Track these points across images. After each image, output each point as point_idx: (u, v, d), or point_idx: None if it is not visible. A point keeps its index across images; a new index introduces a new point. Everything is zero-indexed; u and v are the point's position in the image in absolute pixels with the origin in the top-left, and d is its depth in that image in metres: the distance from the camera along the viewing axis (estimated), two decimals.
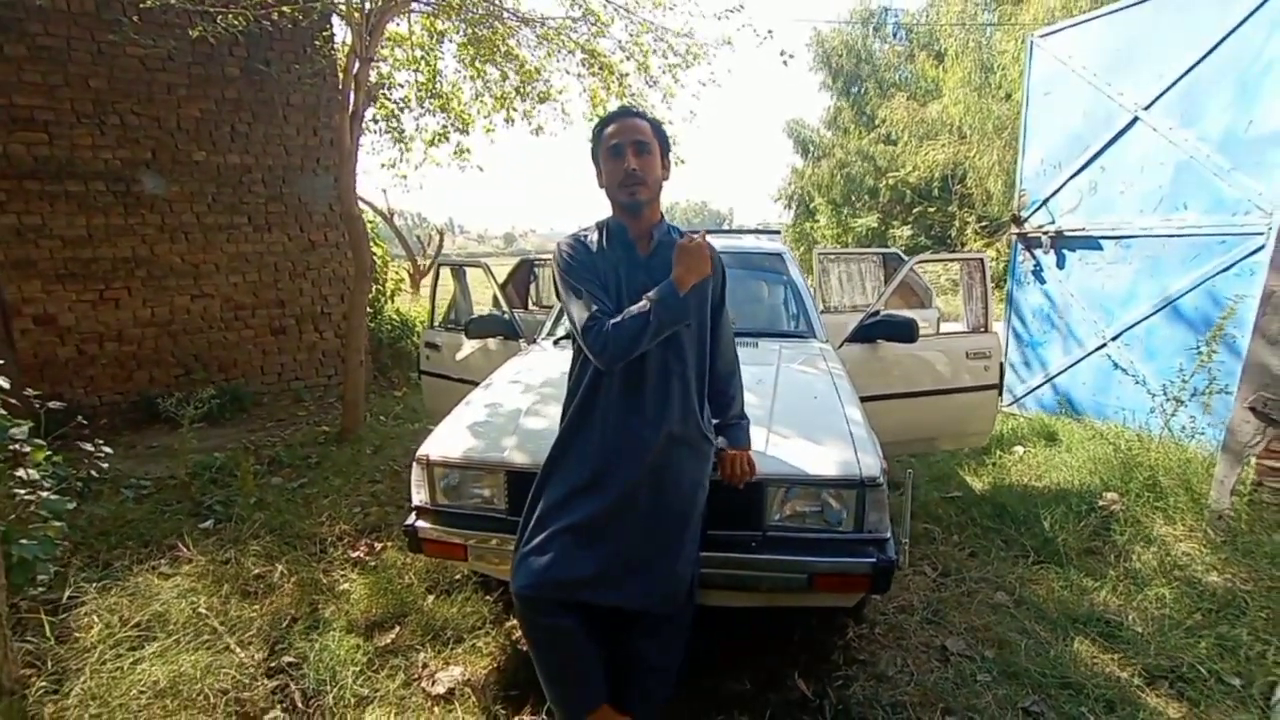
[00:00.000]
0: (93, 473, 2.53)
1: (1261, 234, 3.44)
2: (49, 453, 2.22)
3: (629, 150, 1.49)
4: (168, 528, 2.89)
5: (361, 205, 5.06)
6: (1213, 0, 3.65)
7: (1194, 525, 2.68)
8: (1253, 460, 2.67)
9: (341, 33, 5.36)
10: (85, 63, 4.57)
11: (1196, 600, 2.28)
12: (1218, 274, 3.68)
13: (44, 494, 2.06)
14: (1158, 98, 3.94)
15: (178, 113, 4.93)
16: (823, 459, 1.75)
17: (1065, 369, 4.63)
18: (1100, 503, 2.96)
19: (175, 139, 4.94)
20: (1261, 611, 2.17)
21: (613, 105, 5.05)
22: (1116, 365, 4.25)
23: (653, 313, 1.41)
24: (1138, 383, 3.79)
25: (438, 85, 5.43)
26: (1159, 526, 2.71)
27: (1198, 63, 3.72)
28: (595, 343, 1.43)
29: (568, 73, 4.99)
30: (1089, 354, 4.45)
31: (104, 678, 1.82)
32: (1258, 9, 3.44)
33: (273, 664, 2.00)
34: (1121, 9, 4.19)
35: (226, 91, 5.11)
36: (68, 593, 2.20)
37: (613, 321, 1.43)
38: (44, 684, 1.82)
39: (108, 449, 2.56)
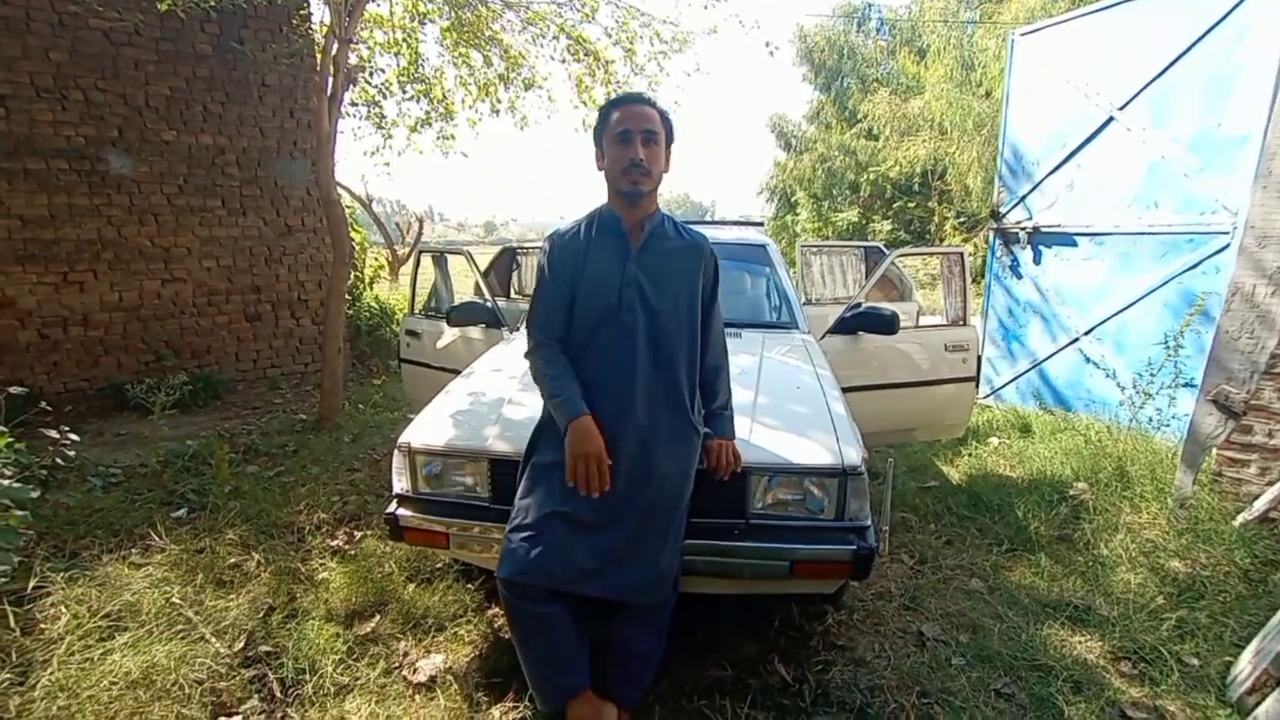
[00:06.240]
0: (58, 460, 2.45)
1: (1227, 233, 3.55)
2: (10, 439, 2.15)
3: (637, 139, 1.49)
4: (138, 517, 2.81)
5: (339, 191, 4.95)
6: (1186, 6, 3.74)
7: (1158, 513, 2.77)
8: (1214, 451, 2.77)
9: (319, 12, 5.22)
10: (45, 34, 4.37)
11: (1160, 585, 2.36)
12: (1185, 271, 3.79)
13: (5, 482, 2.00)
14: (1132, 98, 4.03)
15: (145, 90, 4.75)
16: (805, 448, 1.77)
17: (1040, 362, 4.74)
18: (1071, 492, 3.05)
19: (144, 117, 4.77)
20: (1219, 595, 2.26)
21: (599, 93, 5.00)
22: (1088, 359, 4.36)
23: (548, 403, 1.57)
24: (1108, 376, 3.90)
25: (420, 70, 5.31)
26: (1126, 515, 2.80)
27: (1171, 65, 3.81)
28: (528, 357, 1.62)
29: (552, 58, 4.92)
30: (1063, 347, 4.56)
31: (72, 669, 1.77)
32: (1226, 16, 3.53)
33: (249, 654, 1.97)
34: (1100, 10, 4.27)
35: (198, 69, 4.94)
36: (33, 583, 2.13)
37: (542, 359, 1.58)
38: (8, 676, 1.76)
39: (74, 436, 2.48)
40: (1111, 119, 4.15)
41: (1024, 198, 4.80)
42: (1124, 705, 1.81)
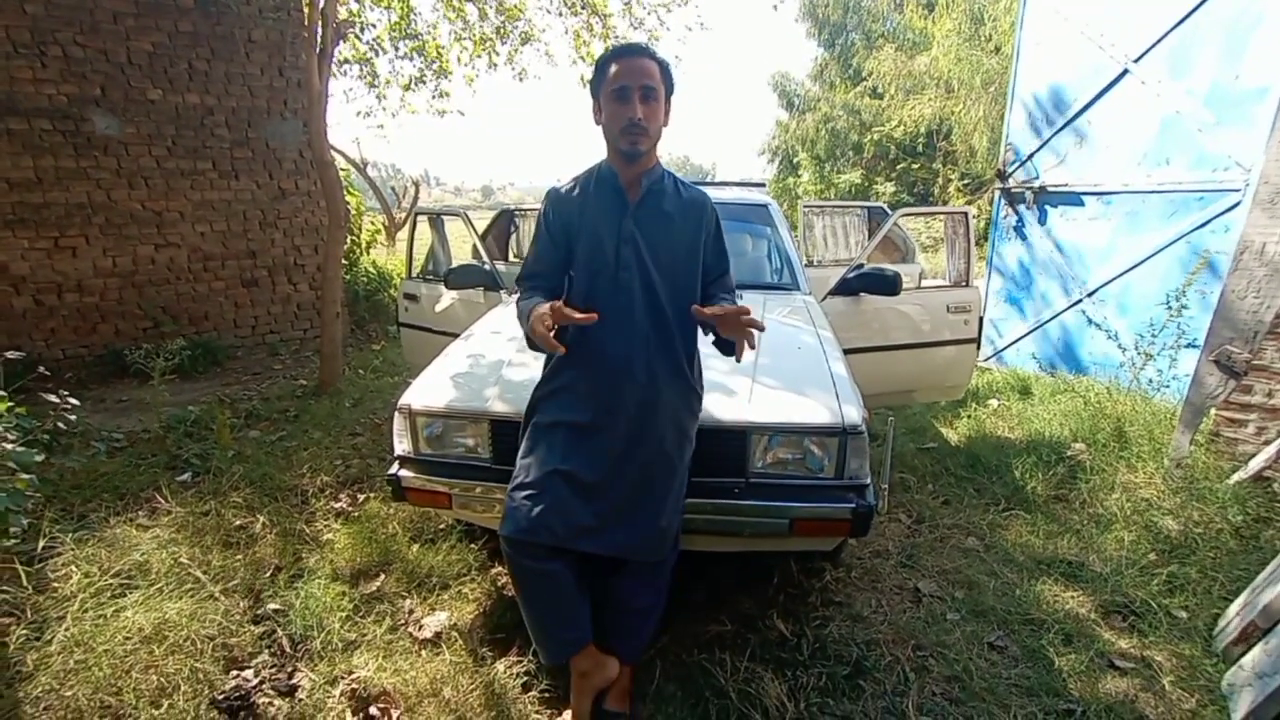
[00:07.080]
0: (60, 425, 2.45)
1: (1238, 190, 3.48)
2: (10, 404, 2.15)
3: (635, 96, 1.43)
4: (143, 480, 2.84)
5: (333, 154, 4.84)
6: None
7: (1154, 473, 2.79)
8: (1213, 412, 2.78)
9: None
10: None
11: (1152, 542, 2.40)
12: (1194, 230, 3.73)
13: (8, 446, 2.00)
14: (1149, 49, 3.89)
15: (127, 45, 4.59)
16: (806, 408, 1.77)
17: (1043, 323, 4.72)
18: (1068, 453, 3.06)
19: (126, 75, 4.62)
20: (1210, 551, 2.30)
21: (597, 48, 4.84)
22: (1091, 321, 4.33)
23: (521, 325, 1.53)
24: (1110, 337, 3.88)
25: (413, 25, 5.12)
26: (1122, 474, 2.82)
27: (1190, 13, 3.67)
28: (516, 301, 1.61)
29: (548, 11, 4.75)
30: (1066, 309, 4.53)
31: (86, 625, 1.81)
32: None
33: (258, 611, 2.01)
34: None
35: (180, 24, 4.77)
36: (42, 544, 2.16)
37: (525, 298, 1.55)
38: (24, 632, 1.80)
39: (74, 401, 2.47)
40: (1126, 71, 4.02)
41: (1031, 156, 4.69)
42: (1112, 656, 1.86)
